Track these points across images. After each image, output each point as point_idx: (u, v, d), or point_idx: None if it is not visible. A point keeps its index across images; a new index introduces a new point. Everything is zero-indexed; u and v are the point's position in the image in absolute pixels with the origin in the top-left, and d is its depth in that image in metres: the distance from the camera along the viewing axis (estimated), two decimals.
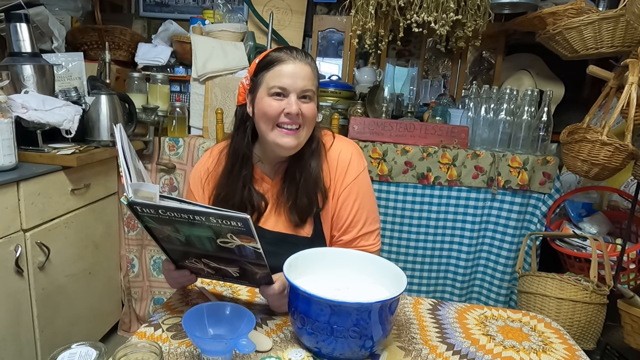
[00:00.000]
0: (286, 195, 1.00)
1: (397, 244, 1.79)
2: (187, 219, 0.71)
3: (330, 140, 1.05)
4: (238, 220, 0.69)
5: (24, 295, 1.38)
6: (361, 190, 1.02)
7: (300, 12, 2.22)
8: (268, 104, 0.93)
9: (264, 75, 0.94)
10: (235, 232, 0.71)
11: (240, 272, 0.84)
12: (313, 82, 0.95)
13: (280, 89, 0.92)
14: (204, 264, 0.84)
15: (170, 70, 2.05)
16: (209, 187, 1.05)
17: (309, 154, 1.00)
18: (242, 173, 1.00)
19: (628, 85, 1.24)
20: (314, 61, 0.97)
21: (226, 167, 1.02)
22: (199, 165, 1.09)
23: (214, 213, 0.69)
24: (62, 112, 1.48)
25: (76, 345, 0.66)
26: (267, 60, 0.94)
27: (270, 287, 0.84)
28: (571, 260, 1.60)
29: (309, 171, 0.99)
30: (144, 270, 2.02)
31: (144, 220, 0.77)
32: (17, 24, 1.49)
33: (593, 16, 1.45)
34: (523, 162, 1.66)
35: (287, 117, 0.92)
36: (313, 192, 0.99)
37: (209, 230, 0.73)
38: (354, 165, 1.02)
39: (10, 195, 1.29)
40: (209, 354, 0.71)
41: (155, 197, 0.72)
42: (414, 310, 0.98)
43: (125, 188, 0.72)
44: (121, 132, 0.78)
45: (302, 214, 0.99)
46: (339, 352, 0.74)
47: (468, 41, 1.89)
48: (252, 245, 0.73)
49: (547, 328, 0.94)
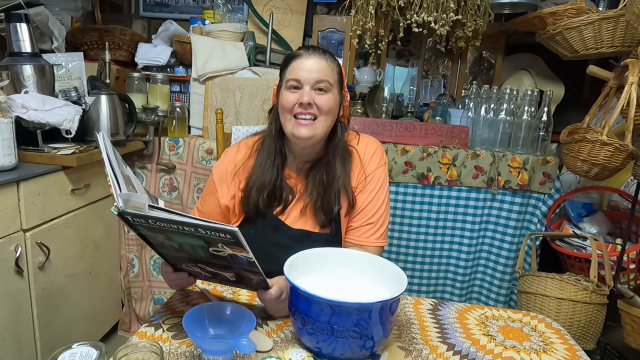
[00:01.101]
0: (314, 195, 1.02)
1: (397, 244, 1.79)
2: (177, 229, 0.71)
3: (357, 137, 1.11)
4: (227, 233, 0.68)
5: (24, 295, 1.37)
6: (379, 182, 1.06)
7: (300, 12, 2.22)
8: (285, 97, 0.98)
9: (285, 71, 1.01)
10: (225, 242, 0.71)
11: (236, 277, 0.84)
12: (329, 74, 0.98)
13: (295, 81, 0.97)
14: (201, 268, 0.84)
15: (170, 70, 2.05)
16: (238, 180, 1.07)
17: (333, 154, 1.03)
18: (276, 163, 1.04)
19: (628, 85, 1.24)
20: (332, 57, 1.02)
21: (259, 158, 1.05)
22: (226, 159, 1.10)
23: (202, 225, 0.68)
24: (62, 112, 1.48)
25: (77, 345, 0.66)
26: (287, 58, 1.02)
27: (267, 292, 0.84)
28: (571, 260, 1.60)
29: (334, 173, 1.02)
30: (144, 270, 2.02)
31: (137, 229, 0.78)
32: (17, 24, 1.49)
33: (593, 16, 1.45)
34: (523, 162, 1.66)
35: (301, 107, 0.97)
36: (338, 194, 1.02)
37: (200, 240, 0.73)
38: (378, 156, 1.08)
39: (10, 195, 1.29)
40: (210, 354, 0.71)
41: (145, 207, 0.70)
42: (414, 310, 0.98)
43: (115, 198, 0.71)
44: (105, 140, 0.77)
45: (327, 213, 1.02)
46: (340, 352, 0.74)
47: (468, 41, 1.89)
48: (244, 255, 0.73)
49: (548, 328, 0.94)
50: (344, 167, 1.03)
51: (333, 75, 1.00)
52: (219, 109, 1.54)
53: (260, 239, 1.01)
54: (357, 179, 1.05)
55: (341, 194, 1.02)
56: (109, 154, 0.75)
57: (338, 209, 1.02)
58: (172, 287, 0.96)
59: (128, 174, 0.81)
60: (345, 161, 1.04)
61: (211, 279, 0.90)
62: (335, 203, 1.02)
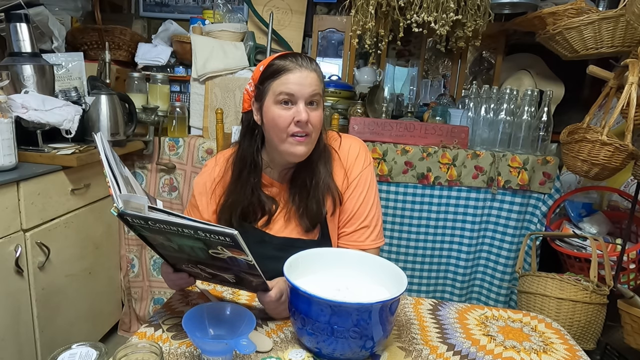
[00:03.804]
0: (297, 201, 1.00)
1: (397, 244, 1.79)
2: (176, 231, 0.71)
3: (338, 139, 1.07)
4: (226, 236, 0.68)
5: (24, 295, 1.37)
6: (366, 184, 1.04)
7: (300, 12, 2.22)
8: (278, 115, 0.93)
9: (271, 83, 0.94)
10: (225, 245, 0.71)
11: (236, 279, 0.84)
12: (319, 87, 0.95)
13: (288, 96, 0.92)
14: (201, 269, 0.84)
15: (170, 70, 2.05)
16: (216, 195, 1.05)
17: (317, 158, 1.00)
18: (251, 179, 1.00)
19: (628, 85, 1.24)
20: (318, 66, 0.97)
21: (234, 174, 1.02)
22: (204, 174, 1.08)
23: (202, 227, 0.68)
24: (62, 112, 1.48)
25: (77, 346, 0.66)
26: (273, 69, 0.94)
27: (267, 295, 0.83)
28: (571, 260, 1.60)
29: (318, 176, 1.00)
30: (144, 270, 2.02)
31: (136, 229, 0.78)
32: (17, 24, 1.49)
33: (593, 16, 1.45)
34: (523, 162, 1.66)
35: (298, 125, 0.92)
36: (323, 197, 1.00)
37: (200, 242, 0.72)
38: (362, 158, 1.05)
39: (10, 195, 1.29)
40: (210, 354, 0.71)
41: (144, 209, 0.70)
42: (414, 310, 0.98)
43: (115, 199, 0.71)
44: (103, 140, 0.76)
45: (313, 219, 1.00)
46: (340, 352, 0.74)
47: (468, 41, 1.89)
48: (244, 258, 0.73)
49: (548, 328, 0.94)
50: (326, 168, 1.01)
51: (322, 86, 0.97)
52: (219, 109, 1.54)
53: None
54: (340, 182, 1.03)
55: (326, 196, 1.01)
56: (107, 155, 0.75)
57: (324, 213, 1.01)
58: (172, 287, 0.95)
59: (127, 175, 0.81)
60: (327, 162, 1.02)
61: (211, 279, 0.90)
62: (321, 206, 0.99)
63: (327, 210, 1.01)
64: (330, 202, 1.01)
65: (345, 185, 1.03)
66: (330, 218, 1.03)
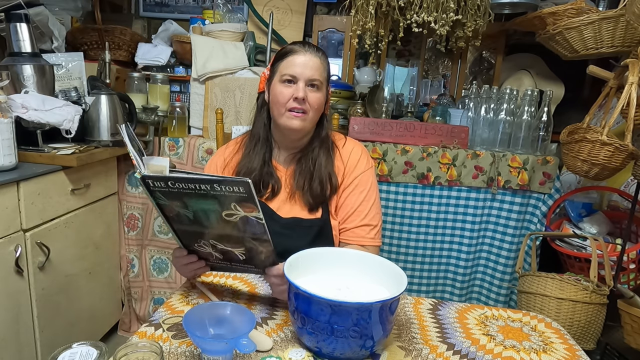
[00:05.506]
0: (301, 182, 1.07)
1: (397, 244, 1.79)
2: (194, 190, 0.76)
3: (343, 139, 1.16)
4: (240, 185, 0.72)
5: (24, 295, 1.37)
6: (367, 184, 1.10)
7: (300, 12, 2.22)
8: (280, 91, 1.02)
9: (279, 64, 1.04)
10: (238, 200, 0.75)
11: (246, 254, 0.87)
12: (321, 73, 1.03)
13: (291, 77, 1.01)
14: (212, 246, 0.87)
15: (170, 70, 2.05)
16: (227, 173, 1.12)
17: (319, 144, 1.09)
18: (263, 152, 1.09)
19: (628, 85, 1.24)
20: (325, 56, 1.06)
21: (247, 148, 1.11)
22: (216, 156, 1.16)
23: (217, 179, 0.74)
24: (62, 112, 1.48)
25: (77, 345, 0.66)
26: (282, 52, 1.05)
27: (275, 268, 0.86)
28: (571, 260, 1.60)
29: (319, 161, 1.08)
30: (144, 270, 2.02)
31: (156, 197, 0.81)
32: (17, 24, 1.49)
33: (593, 16, 1.45)
34: (523, 162, 1.66)
35: (296, 101, 1.01)
36: (325, 179, 1.07)
37: (214, 202, 0.77)
38: (363, 161, 1.12)
39: (10, 195, 1.29)
40: (210, 353, 0.71)
41: (165, 169, 0.76)
42: (414, 310, 0.98)
43: (137, 164, 0.77)
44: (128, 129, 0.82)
45: (316, 197, 1.07)
46: (340, 351, 0.74)
47: (468, 41, 1.89)
48: (255, 216, 0.76)
49: (548, 328, 0.94)
50: (328, 155, 1.09)
51: (324, 74, 1.05)
52: (219, 109, 1.54)
53: None
54: (339, 175, 1.10)
55: (326, 180, 1.07)
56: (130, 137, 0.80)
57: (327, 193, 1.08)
58: (183, 273, 0.99)
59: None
60: (329, 151, 1.10)
61: (221, 261, 0.92)
62: (325, 186, 1.07)
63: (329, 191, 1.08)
64: (330, 187, 1.08)
65: (341, 179, 1.10)
66: (330, 202, 1.10)
